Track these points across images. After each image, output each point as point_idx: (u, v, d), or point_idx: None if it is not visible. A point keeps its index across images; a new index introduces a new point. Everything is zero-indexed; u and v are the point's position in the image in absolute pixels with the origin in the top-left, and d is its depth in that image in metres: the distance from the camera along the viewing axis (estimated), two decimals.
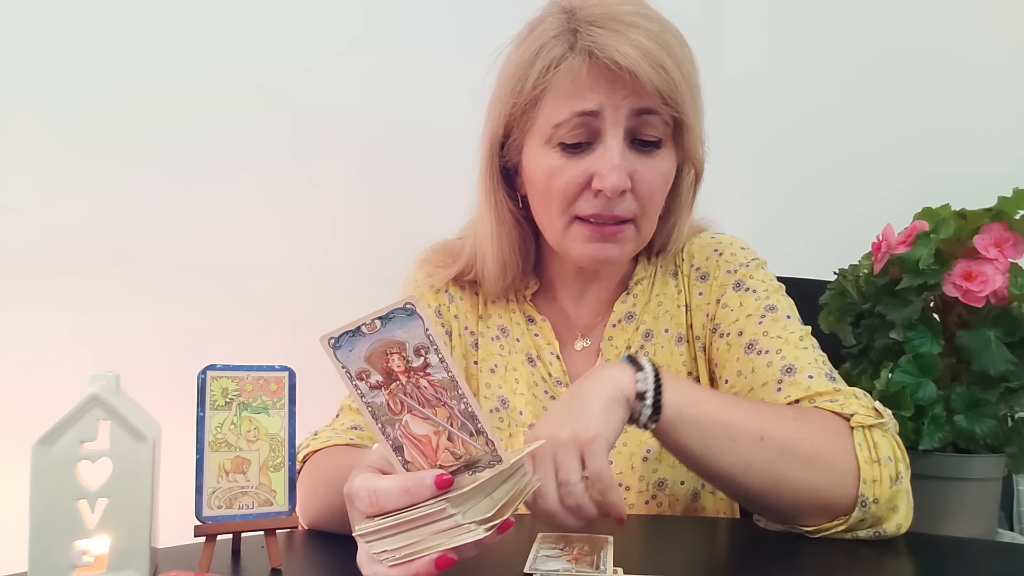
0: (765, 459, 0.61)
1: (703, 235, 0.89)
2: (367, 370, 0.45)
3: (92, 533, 0.49)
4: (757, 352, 0.75)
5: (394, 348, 0.45)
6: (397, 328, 0.45)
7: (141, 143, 1.05)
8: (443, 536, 0.44)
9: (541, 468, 0.56)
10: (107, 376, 0.51)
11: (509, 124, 0.77)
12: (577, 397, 0.59)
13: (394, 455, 0.47)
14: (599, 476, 0.55)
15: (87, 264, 1.01)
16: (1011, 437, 0.93)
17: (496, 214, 0.81)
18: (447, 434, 0.47)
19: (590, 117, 0.71)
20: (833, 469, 0.62)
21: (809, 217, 1.52)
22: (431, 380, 0.46)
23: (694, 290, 0.85)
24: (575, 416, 0.57)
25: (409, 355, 0.45)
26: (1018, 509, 1.40)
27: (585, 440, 0.56)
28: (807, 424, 0.64)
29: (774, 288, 0.81)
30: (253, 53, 1.13)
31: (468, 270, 0.87)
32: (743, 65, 1.55)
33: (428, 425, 0.46)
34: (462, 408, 0.46)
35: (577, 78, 0.70)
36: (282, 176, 1.16)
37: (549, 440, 0.56)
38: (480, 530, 0.44)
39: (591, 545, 0.57)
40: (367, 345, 0.45)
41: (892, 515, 0.63)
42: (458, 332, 0.87)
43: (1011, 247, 0.91)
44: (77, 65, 1.01)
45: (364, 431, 0.79)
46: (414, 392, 0.46)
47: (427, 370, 0.45)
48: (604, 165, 0.70)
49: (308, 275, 1.17)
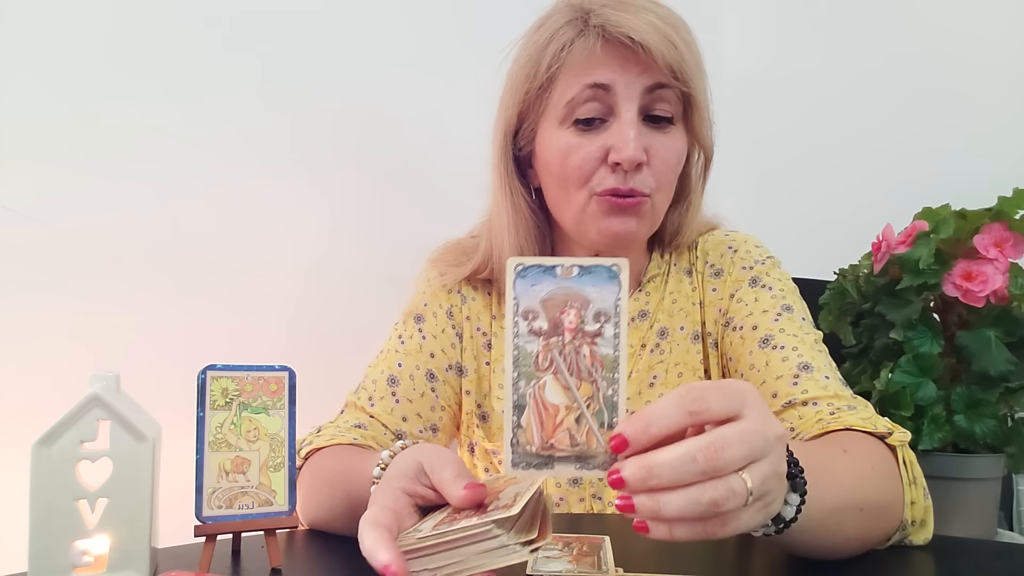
0: (863, 528, 0.57)
1: (716, 232, 0.89)
2: (537, 312, 0.42)
3: (92, 533, 0.49)
4: (773, 347, 0.74)
5: (576, 302, 0.42)
6: (591, 284, 0.41)
7: (141, 144, 1.05)
8: (486, 557, 0.42)
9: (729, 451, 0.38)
10: (107, 376, 0.51)
11: (523, 111, 0.78)
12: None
13: (512, 413, 0.42)
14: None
15: (87, 264, 1.01)
16: (1011, 437, 0.93)
17: (512, 203, 0.81)
18: (578, 415, 0.42)
19: (602, 91, 0.72)
20: (895, 509, 0.59)
21: (809, 217, 1.52)
22: (594, 352, 0.42)
23: (708, 287, 0.84)
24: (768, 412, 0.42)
25: (587, 316, 0.42)
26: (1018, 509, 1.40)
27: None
28: (873, 469, 0.59)
29: (790, 288, 0.81)
30: (253, 54, 1.13)
31: (483, 267, 0.86)
32: (743, 65, 1.55)
33: (565, 397, 0.42)
34: (608, 394, 0.42)
35: (591, 55, 0.71)
36: (282, 176, 1.16)
37: (754, 427, 0.40)
38: (525, 551, 0.41)
39: (589, 546, 0.57)
40: (551, 288, 0.42)
41: (922, 530, 0.62)
42: (470, 334, 0.87)
43: (1011, 247, 0.91)
44: (77, 66, 1.01)
45: (368, 430, 0.79)
46: (571, 356, 0.42)
47: (596, 339, 0.42)
48: (620, 139, 0.71)
49: (308, 275, 1.17)
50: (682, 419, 0.39)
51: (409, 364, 0.83)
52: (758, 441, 0.39)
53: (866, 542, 0.58)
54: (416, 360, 0.83)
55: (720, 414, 0.40)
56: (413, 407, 0.82)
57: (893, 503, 0.59)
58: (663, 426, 0.39)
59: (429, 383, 0.83)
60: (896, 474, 0.60)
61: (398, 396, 0.81)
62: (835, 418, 0.66)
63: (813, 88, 1.58)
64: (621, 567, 0.52)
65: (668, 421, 0.39)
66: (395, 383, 0.82)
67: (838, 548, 0.56)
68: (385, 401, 0.81)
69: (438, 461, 0.50)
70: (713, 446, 0.38)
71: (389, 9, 1.25)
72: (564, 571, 0.51)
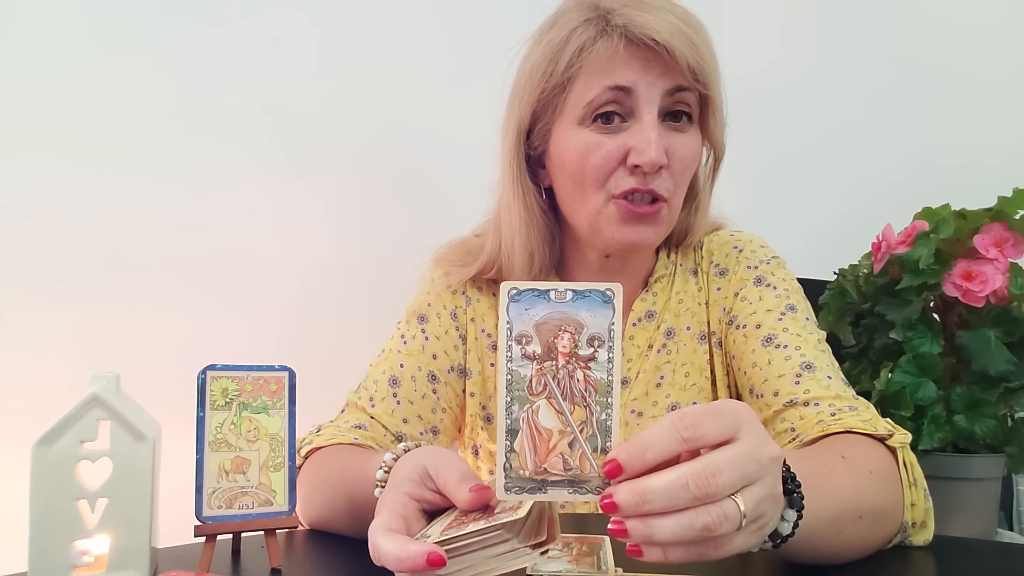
0: (863, 534, 0.56)
1: (722, 232, 0.89)
2: (530, 336, 0.42)
3: (92, 533, 0.49)
4: (775, 346, 0.74)
5: (570, 327, 0.42)
6: (585, 309, 0.42)
7: (141, 144, 1.05)
8: (496, 561, 0.42)
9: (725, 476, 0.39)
10: (107, 376, 0.51)
11: (537, 110, 0.77)
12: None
13: (504, 437, 0.42)
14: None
15: (87, 264, 1.01)
16: (1011, 437, 0.93)
17: (523, 202, 0.80)
18: (572, 439, 0.42)
19: (623, 93, 0.71)
20: (895, 514, 0.59)
21: (809, 217, 1.52)
22: (588, 376, 0.42)
23: (713, 286, 0.84)
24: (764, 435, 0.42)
25: (581, 341, 0.42)
26: (1018, 509, 1.40)
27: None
28: (872, 474, 0.58)
29: (794, 288, 0.81)
30: (253, 55, 1.13)
31: (488, 267, 0.85)
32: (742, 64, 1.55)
33: (559, 421, 0.42)
34: (602, 419, 0.42)
35: (614, 56, 0.71)
36: (281, 176, 1.16)
37: (746, 451, 0.40)
38: (535, 554, 0.42)
39: (589, 546, 0.57)
40: (545, 312, 0.42)
41: (923, 532, 0.62)
42: (474, 335, 0.86)
43: (1011, 247, 0.91)
44: (78, 67, 1.01)
45: (368, 431, 0.79)
46: (564, 380, 0.42)
47: (590, 364, 0.42)
48: (641, 140, 0.71)
49: (308, 275, 1.17)
50: (676, 445, 0.39)
51: (411, 365, 0.83)
52: (751, 466, 0.39)
53: (866, 548, 0.58)
54: (418, 361, 0.83)
55: (714, 439, 0.40)
56: (414, 409, 0.82)
57: (893, 508, 0.59)
58: (657, 452, 0.39)
59: (431, 385, 0.83)
60: (896, 477, 0.60)
61: (399, 397, 0.81)
62: (835, 419, 0.66)
63: (813, 87, 1.58)
64: (621, 567, 0.52)
65: (662, 447, 0.39)
66: (397, 384, 0.81)
67: (837, 555, 0.56)
68: (386, 402, 0.81)
69: (443, 464, 0.50)
70: (705, 472, 0.38)
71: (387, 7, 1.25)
72: (564, 571, 0.51)
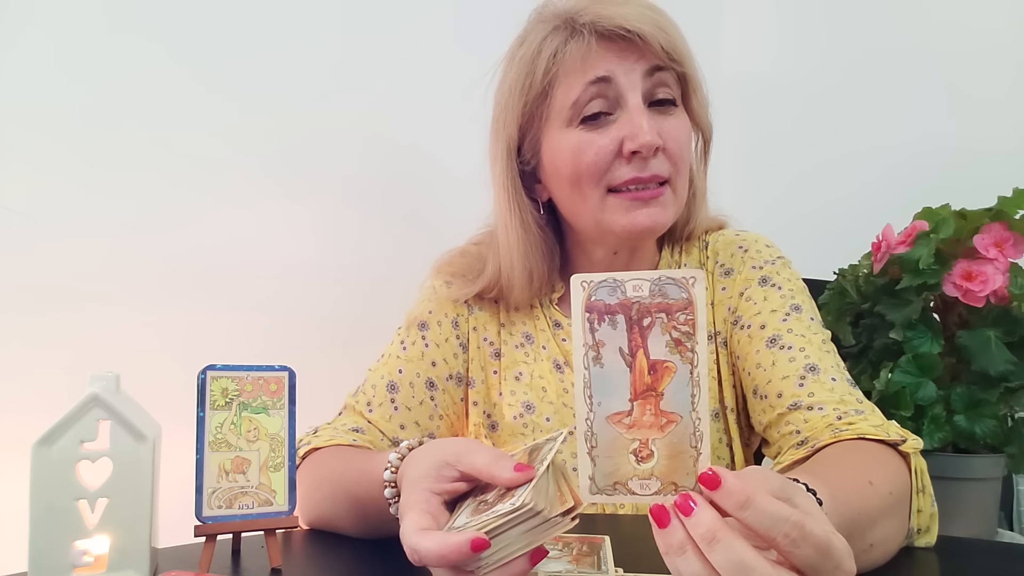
0: (872, 558, 0.56)
1: (727, 232, 0.88)
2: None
3: (92, 533, 0.49)
4: (780, 347, 0.74)
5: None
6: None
7: (142, 146, 1.05)
8: (532, 535, 0.42)
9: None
10: (107, 376, 0.51)
11: (523, 125, 0.78)
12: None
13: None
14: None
15: (87, 264, 1.01)
16: (1011, 437, 0.93)
17: (520, 220, 0.80)
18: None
19: (605, 85, 0.72)
20: (903, 531, 0.59)
21: (809, 217, 1.52)
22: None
23: (718, 286, 0.84)
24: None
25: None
26: (1018, 509, 1.40)
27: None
28: (891, 496, 0.57)
29: (799, 288, 0.81)
30: (253, 58, 1.13)
31: (490, 288, 0.85)
32: (743, 64, 1.55)
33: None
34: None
35: (588, 53, 0.72)
36: (281, 179, 1.16)
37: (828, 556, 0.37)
38: (567, 520, 0.43)
39: (589, 546, 0.57)
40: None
41: (926, 536, 0.62)
42: (476, 344, 0.86)
43: (1011, 247, 0.91)
44: (79, 66, 1.01)
45: (365, 435, 0.79)
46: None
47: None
48: (632, 127, 0.71)
49: (308, 275, 1.17)
50: (775, 531, 0.37)
51: (410, 371, 0.83)
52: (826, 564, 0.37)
53: (871, 567, 0.57)
54: (417, 367, 0.83)
55: (802, 561, 0.37)
56: (411, 415, 0.81)
57: (903, 526, 0.59)
58: (759, 515, 0.37)
59: (429, 391, 0.83)
60: (908, 493, 0.60)
61: (397, 403, 0.81)
62: (845, 424, 0.65)
63: (813, 87, 1.58)
64: (621, 567, 0.52)
65: (765, 519, 0.37)
66: (395, 389, 0.81)
67: (868, 566, 0.56)
68: (384, 408, 0.80)
69: (461, 449, 0.49)
70: (799, 527, 0.36)
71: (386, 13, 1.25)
72: (564, 571, 0.51)
